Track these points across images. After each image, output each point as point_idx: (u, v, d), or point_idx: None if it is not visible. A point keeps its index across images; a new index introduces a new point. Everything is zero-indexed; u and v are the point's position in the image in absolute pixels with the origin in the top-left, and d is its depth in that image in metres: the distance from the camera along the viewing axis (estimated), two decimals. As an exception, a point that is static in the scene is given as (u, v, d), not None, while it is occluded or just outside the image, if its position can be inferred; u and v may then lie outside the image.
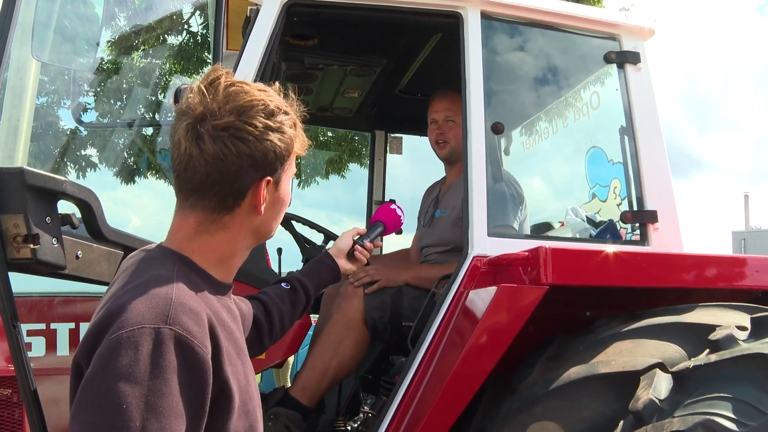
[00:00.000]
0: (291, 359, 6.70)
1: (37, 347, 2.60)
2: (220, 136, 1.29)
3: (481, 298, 2.49)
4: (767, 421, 1.87)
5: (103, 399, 1.10)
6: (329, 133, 10.13)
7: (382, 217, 2.46)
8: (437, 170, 3.66)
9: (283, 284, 2.05)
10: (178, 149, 1.32)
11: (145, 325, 1.14)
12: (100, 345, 1.14)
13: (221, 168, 1.30)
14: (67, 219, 1.84)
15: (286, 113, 1.39)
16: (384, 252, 4.69)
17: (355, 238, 2.26)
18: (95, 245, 1.98)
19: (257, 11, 2.74)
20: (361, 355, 3.06)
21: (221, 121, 1.29)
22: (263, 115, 1.33)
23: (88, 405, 1.11)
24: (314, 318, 3.80)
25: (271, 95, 1.38)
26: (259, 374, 4.65)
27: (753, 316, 2.23)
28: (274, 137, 1.34)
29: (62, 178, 1.80)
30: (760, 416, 1.88)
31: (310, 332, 3.28)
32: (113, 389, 1.09)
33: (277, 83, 1.47)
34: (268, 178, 1.37)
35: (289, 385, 3.27)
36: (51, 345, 2.62)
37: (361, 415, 3.37)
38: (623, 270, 2.47)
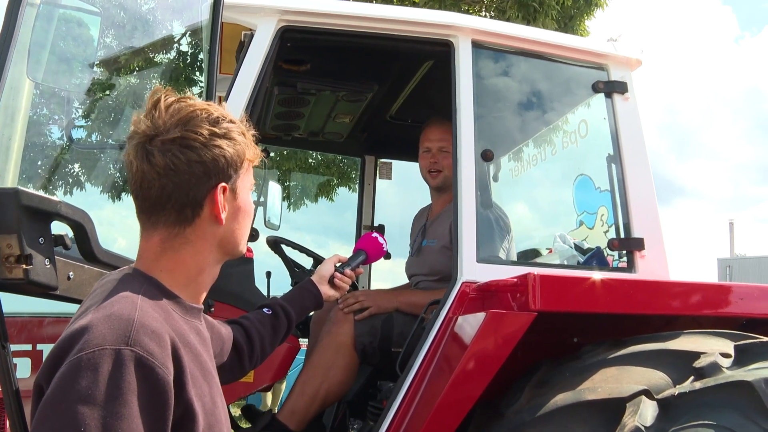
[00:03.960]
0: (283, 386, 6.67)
1: (22, 368, 2.57)
2: (169, 149, 1.32)
3: (469, 324, 2.51)
4: (751, 448, 1.89)
5: (62, 421, 1.09)
6: (318, 157, 10.17)
7: (364, 245, 2.45)
8: (426, 196, 3.70)
9: (264, 309, 2.05)
10: (131, 170, 1.35)
11: (106, 346, 1.14)
12: (60, 368, 1.14)
13: (174, 178, 1.33)
14: (59, 240, 1.84)
15: (231, 122, 1.41)
16: (372, 281, 4.71)
17: (337, 265, 2.26)
18: (87, 266, 1.98)
19: (251, 36, 2.78)
20: (351, 380, 3.06)
21: (168, 135, 1.32)
22: (208, 122, 1.36)
23: (47, 426, 1.10)
24: (303, 342, 3.79)
25: (215, 106, 1.41)
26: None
27: (737, 343, 2.26)
28: (222, 143, 1.37)
29: (57, 199, 1.80)
30: (744, 443, 1.90)
31: (300, 356, 3.28)
32: (72, 411, 1.09)
33: (219, 97, 1.50)
34: (223, 184, 1.38)
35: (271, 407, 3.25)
36: (36, 366, 2.59)
37: (349, 439, 3.36)
38: (610, 297, 2.49)
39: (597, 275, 2.57)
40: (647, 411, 2.04)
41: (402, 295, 3.22)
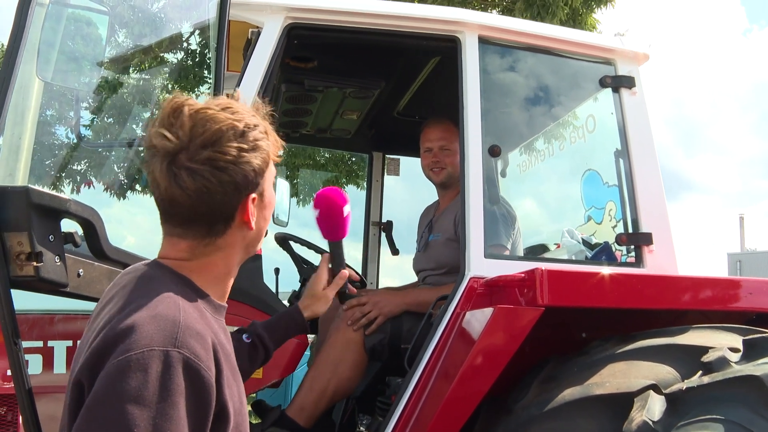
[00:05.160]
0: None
1: (34, 365, 2.60)
2: (197, 170, 1.28)
3: (477, 319, 2.51)
4: (760, 442, 1.89)
5: (112, 421, 1.09)
6: (326, 154, 10.18)
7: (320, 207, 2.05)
8: (434, 192, 3.70)
9: (244, 336, 2.01)
10: (158, 188, 1.32)
11: (154, 347, 1.14)
12: (106, 365, 1.13)
13: (207, 200, 1.31)
14: (69, 237, 1.86)
15: (255, 126, 1.38)
16: (380, 278, 4.70)
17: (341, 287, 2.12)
18: (97, 264, 2.00)
19: (258, 33, 2.79)
20: (359, 376, 3.06)
21: (196, 155, 1.28)
22: (235, 139, 1.32)
23: (95, 426, 1.10)
24: (311, 338, 3.80)
25: (237, 112, 1.36)
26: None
27: (745, 338, 2.25)
28: (250, 157, 1.34)
29: (66, 197, 1.82)
30: (752, 438, 1.90)
31: (307, 352, 3.29)
32: (122, 411, 1.09)
33: (237, 90, 1.46)
34: (253, 195, 1.38)
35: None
36: (48, 363, 2.62)
37: (357, 435, 3.37)
38: (618, 291, 2.49)
39: (605, 270, 2.57)
40: (655, 405, 2.04)
41: (409, 296, 3.20)
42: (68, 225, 1.92)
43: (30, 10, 1.81)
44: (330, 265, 2.14)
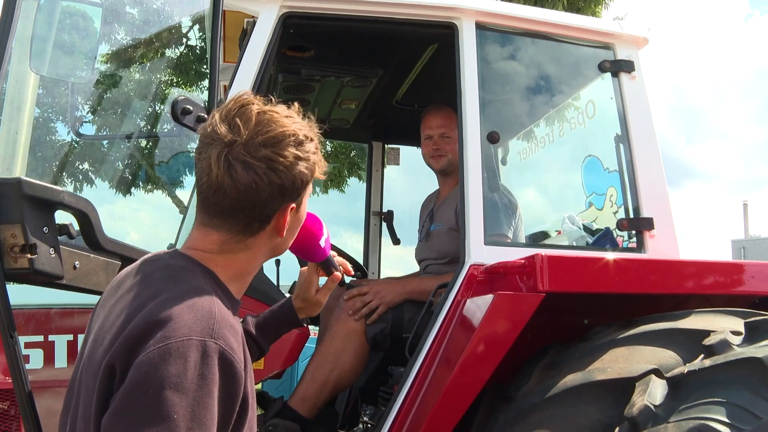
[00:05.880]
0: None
1: (35, 359, 2.59)
2: (252, 165, 1.32)
3: (478, 306, 2.50)
4: (761, 425, 1.88)
5: (151, 406, 1.12)
6: (329, 147, 10.18)
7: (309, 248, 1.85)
8: (434, 181, 3.68)
9: None
10: (208, 175, 1.35)
11: (193, 337, 1.17)
12: (143, 351, 1.16)
13: (252, 196, 1.35)
14: (64, 229, 1.85)
15: (311, 140, 1.43)
16: (382, 269, 4.69)
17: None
18: (93, 255, 1.99)
19: (254, 23, 2.77)
20: (361, 366, 3.06)
21: (255, 151, 1.33)
22: (294, 146, 1.37)
23: (134, 411, 1.12)
24: (313, 330, 3.80)
25: (298, 123, 1.42)
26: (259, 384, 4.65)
27: (747, 320, 2.24)
28: (302, 166, 1.39)
29: (60, 188, 1.81)
30: (754, 420, 1.89)
31: (310, 344, 3.29)
32: (161, 397, 1.12)
33: (296, 104, 1.49)
34: (293, 205, 1.42)
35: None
36: (49, 357, 2.61)
37: (361, 426, 3.37)
38: (619, 277, 2.47)
39: (606, 255, 2.55)
40: (657, 390, 2.03)
41: (410, 284, 3.19)
42: (65, 218, 1.91)
43: (18, 2, 1.80)
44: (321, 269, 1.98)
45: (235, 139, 1.33)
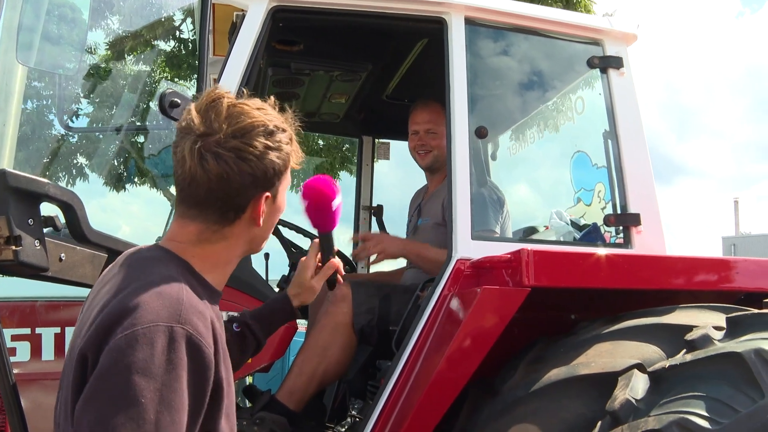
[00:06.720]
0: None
1: (22, 352, 2.59)
2: (223, 156, 1.36)
3: (464, 301, 2.51)
4: (740, 418, 1.90)
5: (119, 391, 1.13)
6: (320, 141, 10.16)
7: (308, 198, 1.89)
8: (423, 176, 3.69)
9: (234, 326, 1.99)
10: (182, 166, 1.39)
11: (159, 323, 1.19)
12: (112, 338, 1.18)
13: (224, 186, 1.38)
14: (50, 221, 1.85)
15: (283, 131, 1.46)
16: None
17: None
18: (79, 248, 1.99)
19: (243, 17, 2.76)
20: (349, 359, 3.07)
21: (224, 142, 1.36)
22: (263, 136, 1.40)
23: (103, 397, 1.14)
24: (302, 325, 3.80)
25: (270, 114, 1.46)
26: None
27: (729, 315, 2.26)
28: (273, 155, 1.42)
29: (45, 180, 1.81)
30: (733, 414, 1.90)
31: (298, 338, 3.29)
32: (129, 381, 1.13)
33: (272, 97, 1.51)
34: (267, 194, 1.45)
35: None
36: (36, 350, 2.61)
37: (349, 419, 3.38)
38: (605, 272, 2.49)
39: (592, 251, 2.57)
40: (638, 384, 2.05)
41: (411, 244, 3.26)
42: (51, 210, 1.91)
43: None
44: (319, 254, 2.03)
45: (207, 132, 1.37)
